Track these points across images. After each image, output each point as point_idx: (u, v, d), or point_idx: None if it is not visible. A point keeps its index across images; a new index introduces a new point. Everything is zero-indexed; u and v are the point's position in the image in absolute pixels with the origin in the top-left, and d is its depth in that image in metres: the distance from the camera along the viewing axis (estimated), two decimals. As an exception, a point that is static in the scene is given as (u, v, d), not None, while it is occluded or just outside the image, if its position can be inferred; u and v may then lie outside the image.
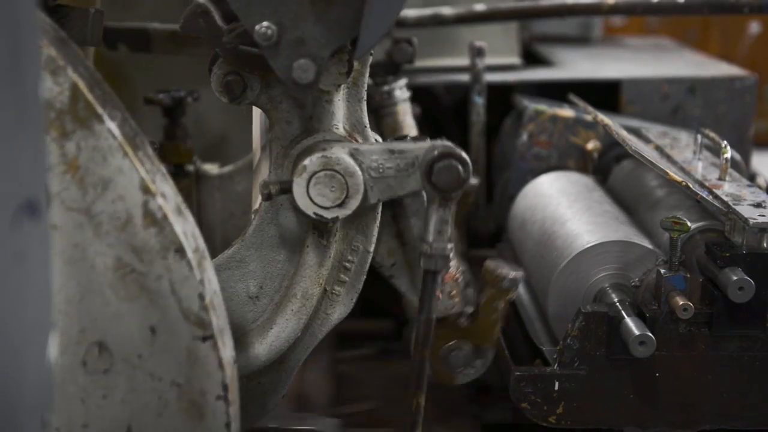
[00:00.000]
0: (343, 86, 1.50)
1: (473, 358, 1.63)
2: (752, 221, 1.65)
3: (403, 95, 2.26)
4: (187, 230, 1.23)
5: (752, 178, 2.22)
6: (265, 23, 1.32)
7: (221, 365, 1.24)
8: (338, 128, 1.50)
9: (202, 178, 2.28)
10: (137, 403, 1.24)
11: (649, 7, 2.50)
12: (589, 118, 2.31)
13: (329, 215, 1.44)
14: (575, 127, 2.34)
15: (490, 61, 2.51)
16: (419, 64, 2.46)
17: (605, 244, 1.79)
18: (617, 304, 1.72)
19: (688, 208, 1.89)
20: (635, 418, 1.75)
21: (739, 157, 2.11)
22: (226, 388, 1.25)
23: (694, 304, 1.65)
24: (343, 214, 1.44)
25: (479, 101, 2.42)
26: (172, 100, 2.22)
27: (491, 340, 1.62)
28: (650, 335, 1.63)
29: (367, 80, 1.53)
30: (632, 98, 2.55)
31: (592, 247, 1.79)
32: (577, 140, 2.35)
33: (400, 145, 1.46)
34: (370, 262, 1.56)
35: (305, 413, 2.10)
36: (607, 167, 2.32)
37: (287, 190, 1.44)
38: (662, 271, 1.68)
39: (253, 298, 1.56)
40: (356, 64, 1.45)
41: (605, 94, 2.57)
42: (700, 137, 2.05)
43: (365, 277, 1.58)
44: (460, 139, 2.80)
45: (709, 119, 2.54)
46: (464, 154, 1.43)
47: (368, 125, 1.53)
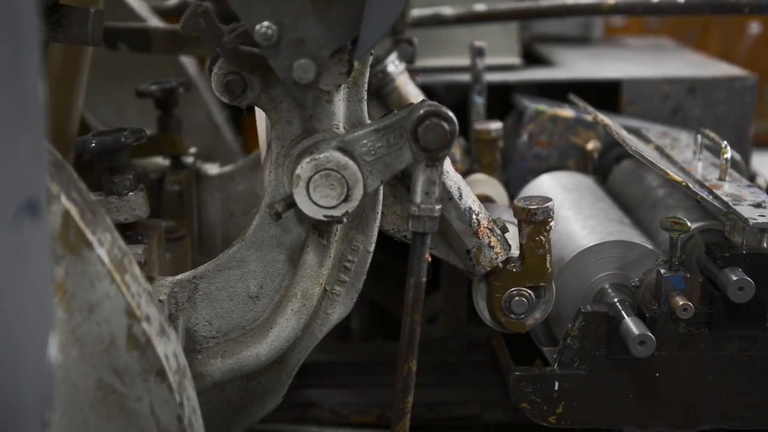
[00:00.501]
0: (343, 86, 1.50)
1: (535, 299, 1.63)
2: (752, 221, 1.65)
3: (397, 69, 2.25)
4: (168, 351, 1.26)
5: (752, 178, 2.22)
6: (265, 23, 1.32)
7: None
8: (338, 128, 1.50)
9: (202, 177, 2.28)
10: None
11: (649, 7, 2.50)
12: (589, 118, 2.31)
13: (339, 213, 1.44)
14: (575, 127, 2.34)
15: (490, 61, 2.51)
16: (419, 64, 2.46)
17: (605, 244, 1.79)
18: (617, 304, 1.72)
19: (688, 208, 1.89)
20: (635, 418, 1.75)
21: (739, 157, 2.11)
22: None
23: (694, 304, 1.65)
24: (351, 207, 1.44)
25: (479, 101, 2.42)
26: (163, 91, 2.22)
27: (546, 276, 1.61)
28: (650, 335, 1.63)
29: (367, 80, 1.53)
30: (632, 98, 2.55)
31: (592, 247, 1.79)
32: (577, 140, 2.35)
33: (383, 121, 1.45)
34: (370, 261, 1.57)
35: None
36: (607, 167, 2.32)
37: (292, 204, 1.44)
38: (662, 271, 1.68)
39: (253, 297, 1.56)
40: (356, 63, 1.45)
41: (605, 94, 2.57)
42: (700, 137, 2.05)
43: (365, 276, 1.58)
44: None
45: (709, 119, 2.54)
46: (449, 111, 1.41)
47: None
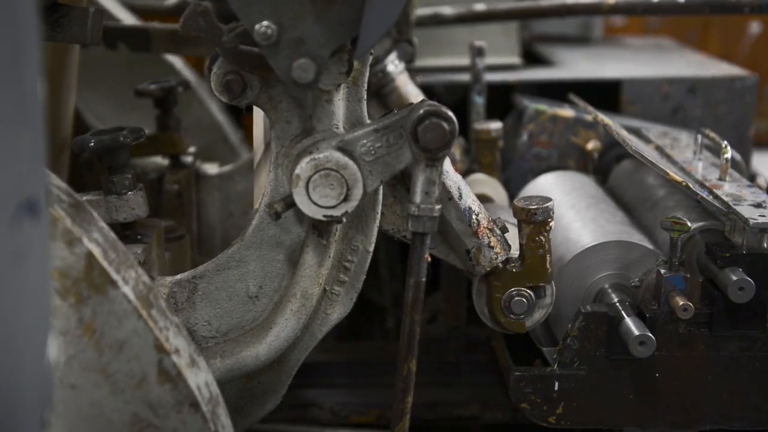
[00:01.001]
0: (342, 86, 1.50)
1: (535, 300, 1.62)
2: (752, 221, 1.65)
3: (397, 68, 2.25)
4: (200, 382, 1.28)
5: (752, 178, 2.22)
6: (264, 23, 1.32)
7: None
8: (338, 128, 1.50)
9: (201, 177, 2.28)
10: None
11: (649, 7, 2.50)
12: (589, 118, 2.31)
13: (338, 212, 1.43)
14: (575, 127, 2.34)
15: (490, 60, 2.51)
16: (419, 63, 2.46)
17: (605, 244, 1.79)
18: (617, 304, 1.72)
19: (688, 208, 1.89)
20: (635, 418, 1.74)
21: (739, 157, 2.11)
22: None
23: (694, 304, 1.65)
24: (350, 207, 1.44)
25: (479, 101, 2.42)
26: (162, 90, 2.21)
27: (546, 276, 1.61)
28: (650, 335, 1.63)
29: (367, 79, 1.53)
30: (632, 98, 2.55)
31: (592, 247, 1.79)
32: (577, 140, 2.35)
33: (382, 121, 1.45)
34: (369, 261, 1.56)
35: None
36: (607, 167, 2.32)
37: (292, 203, 1.44)
38: (662, 271, 1.68)
39: (252, 297, 1.56)
40: (356, 63, 1.45)
41: (605, 94, 2.57)
42: (700, 137, 2.04)
43: (365, 276, 1.58)
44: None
45: (709, 119, 2.53)
46: (449, 111, 1.41)
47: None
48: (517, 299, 1.61)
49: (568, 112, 2.36)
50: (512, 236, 1.64)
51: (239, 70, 1.46)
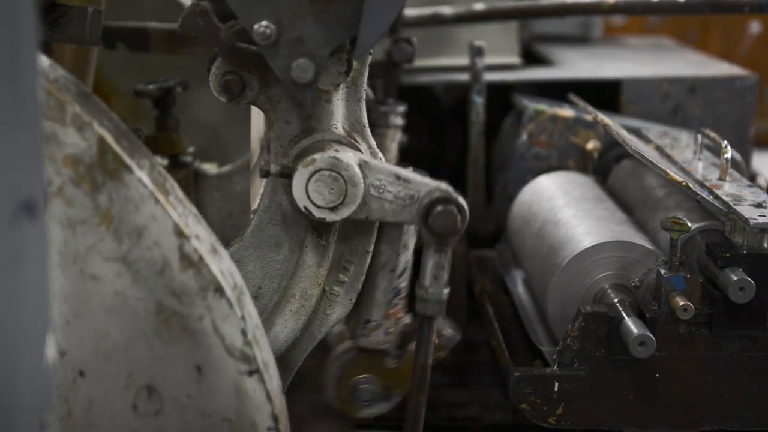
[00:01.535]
0: (342, 86, 1.49)
1: (380, 397, 1.60)
2: (753, 221, 1.65)
3: (397, 121, 2.26)
4: (223, 268, 1.25)
5: (753, 178, 2.22)
6: (263, 22, 1.32)
7: (269, 397, 1.26)
8: (337, 128, 1.50)
9: (200, 177, 2.27)
10: None
11: (649, 6, 2.50)
12: (589, 118, 2.31)
13: (318, 214, 1.43)
14: (575, 127, 2.34)
15: (489, 60, 2.51)
16: (419, 63, 2.45)
17: (605, 244, 1.79)
18: (617, 304, 1.72)
19: (688, 208, 1.89)
20: (635, 418, 1.74)
21: (739, 157, 2.11)
22: (276, 419, 1.27)
23: (694, 304, 1.65)
24: (331, 218, 1.43)
25: (479, 101, 2.42)
26: (161, 90, 2.21)
27: (404, 387, 1.59)
28: (650, 336, 1.63)
29: (366, 80, 1.53)
30: (632, 98, 2.55)
31: (592, 247, 1.79)
32: (577, 140, 2.35)
33: (407, 173, 1.45)
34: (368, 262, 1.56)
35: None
36: (607, 167, 2.32)
37: (287, 175, 1.43)
38: (662, 271, 1.68)
39: (251, 298, 1.55)
40: (355, 63, 1.45)
41: (605, 93, 2.57)
42: (700, 137, 2.04)
43: (364, 277, 1.57)
44: (460, 139, 2.81)
45: (709, 119, 2.53)
46: (463, 201, 1.42)
47: (367, 125, 1.53)
48: (367, 387, 1.59)
49: (567, 112, 2.36)
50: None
51: (238, 70, 1.46)
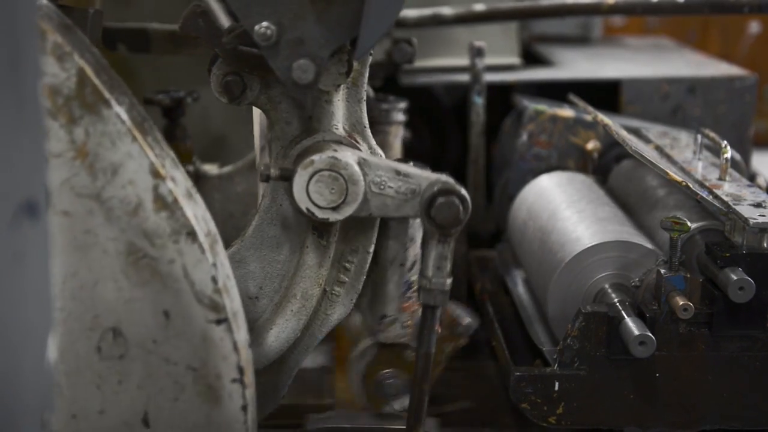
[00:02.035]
0: (342, 86, 1.50)
1: (406, 390, 1.61)
2: (752, 221, 1.65)
3: (398, 117, 2.26)
4: (197, 214, 1.23)
5: (752, 178, 2.22)
6: (264, 23, 1.32)
7: (236, 348, 1.24)
8: (338, 128, 1.50)
9: (201, 178, 2.28)
10: (153, 388, 1.23)
11: (649, 7, 2.50)
12: (589, 118, 2.31)
13: (320, 215, 1.43)
14: (575, 127, 2.34)
15: (489, 61, 2.51)
16: (419, 64, 2.46)
17: (605, 244, 1.79)
18: (617, 304, 1.72)
19: (688, 208, 1.89)
20: (635, 418, 1.74)
21: (739, 157, 2.11)
22: (241, 370, 1.25)
23: (694, 304, 1.65)
24: (334, 217, 1.44)
25: (479, 101, 2.42)
26: (171, 100, 2.22)
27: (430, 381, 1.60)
28: (650, 335, 1.63)
29: (366, 80, 1.53)
30: (632, 98, 2.55)
31: (592, 247, 1.79)
32: (577, 140, 2.35)
33: (407, 168, 1.46)
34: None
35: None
36: (607, 167, 2.32)
37: (287, 177, 1.44)
38: (662, 271, 1.68)
39: (252, 298, 1.56)
40: (356, 64, 1.45)
41: (605, 94, 2.57)
42: (700, 137, 2.04)
43: (365, 277, 1.58)
44: (460, 139, 2.81)
45: (709, 119, 2.53)
46: (465, 192, 1.42)
47: (368, 125, 1.53)
48: (392, 381, 1.61)
49: (567, 112, 2.36)
50: None
51: (239, 70, 1.46)
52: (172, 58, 2.42)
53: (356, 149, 1.48)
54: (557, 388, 1.72)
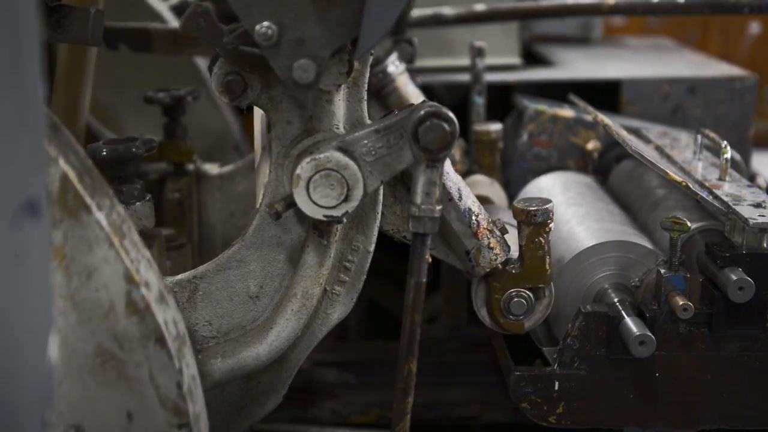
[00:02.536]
0: (343, 86, 1.50)
1: (534, 301, 1.63)
2: (752, 221, 1.65)
3: (397, 69, 2.25)
4: (167, 318, 1.25)
5: (752, 178, 2.22)
6: (265, 23, 1.32)
7: None
8: (338, 128, 1.50)
9: (202, 177, 2.28)
10: None
11: (649, 7, 2.50)
12: (589, 118, 2.31)
13: (338, 213, 1.44)
14: (575, 127, 2.34)
15: (490, 61, 2.51)
16: (419, 64, 2.46)
17: (605, 244, 1.79)
18: (617, 304, 1.72)
19: (688, 208, 1.89)
20: (635, 418, 1.75)
21: (739, 157, 2.11)
22: None
23: (694, 304, 1.65)
24: (351, 207, 1.44)
25: (479, 101, 2.42)
26: (171, 98, 2.22)
27: (545, 277, 1.61)
28: (650, 335, 1.63)
29: (367, 80, 1.53)
30: (632, 98, 2.55)
31: (592, 247, 1.79)
32: (577, 140, 2.35)
33: (383, 122, 1.45)
34: (370, 261, 1.57)
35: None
36: (607, 167, 2.32)
37: (292, 203, 1.44)
38: (662, 271, 1.68)
39: (253, 297, 1.56)
40: (356, 64, 1.45)
41: (605, 94, 2.57)
42: (700, 137, 2.05)
43: (365, 276, 1.58)
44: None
45: (709, 119, 2.54)
46: (452, 115, 1.41)
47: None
48: (516, 300, 1.62)
49: (568, 112, 2.36)
50: (512, 237, 1.64)
51: (240, 70, 1.47)
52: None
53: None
54: (557, 387, 1.72)
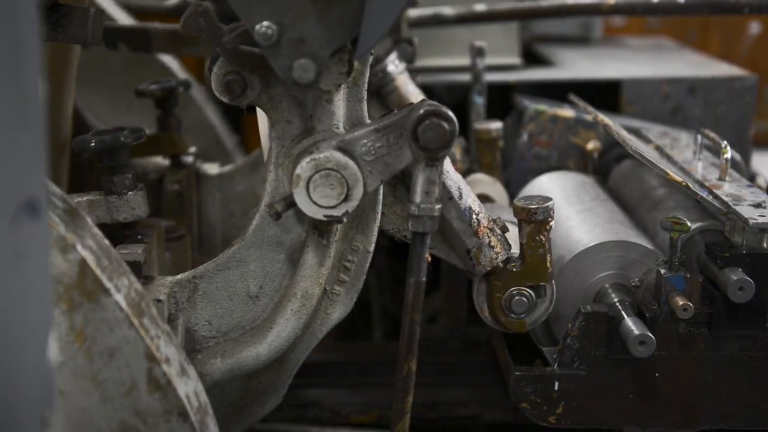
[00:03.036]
0: (343, 86, 1.50)
1: (536, 299, 1.63)
2: (752, 221, 1.65)
3: (397, 68, 2.25)
4: (189, 391, 1.28)
5: (752, 178, 2.22)
6: (265, 23, 1.32)
7: None
8: (338, 128, 1.50)
9: (202, 177, 2.28)
10: None
11: (649, 7, 2.50)
12: (589, 118, 2.31)
13: (339, 212, 1.44)
14: (575, 127, 2.34)
15: (490, 61, 2.51)
16: (419, 64, 2.46)
17: (605, 244, 1.79)
18: (617, 304, 1.72)
19: (688, 208, 1.89)
20: (635, 418, 1.75)
21: (739, 157, 2.11)
22: None
23: (694, 304, 1.65)
24: (351, 206, 1.44)
25: (479, 101, 2.42)
26: (163, 90, 2.22)
27: (546, 275, 1.61)
28: (650, 335, 1.63)
29: (367, 80, 1.53)
30: (632, 98, 2.55)
31: (592, 247, 1.79)
32: (577, 140, 2.35)
33: (383, 121, 1.45)
34: (370, 261, 1.57)
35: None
36: (607, 167, 2.32)
37: (292, 203, 1.44)
38: (662, 271, 1.68)
39: (253, 297, 1.56)
40: (356, 63, 1.45)
41: (605, 94, 2.57)
42: (700, 137, 2.05)
43: (365, 276, 1.58)
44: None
45: (709, 119, 2.54)
46: (449, 111, 1.41)
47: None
48: (517, 299, 1.62)
49: (568, 112, 2.36)
50: (513, 236, 1.64)
51: (240, 70, 1.47)
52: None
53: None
54: (557, 387, 1.72)
